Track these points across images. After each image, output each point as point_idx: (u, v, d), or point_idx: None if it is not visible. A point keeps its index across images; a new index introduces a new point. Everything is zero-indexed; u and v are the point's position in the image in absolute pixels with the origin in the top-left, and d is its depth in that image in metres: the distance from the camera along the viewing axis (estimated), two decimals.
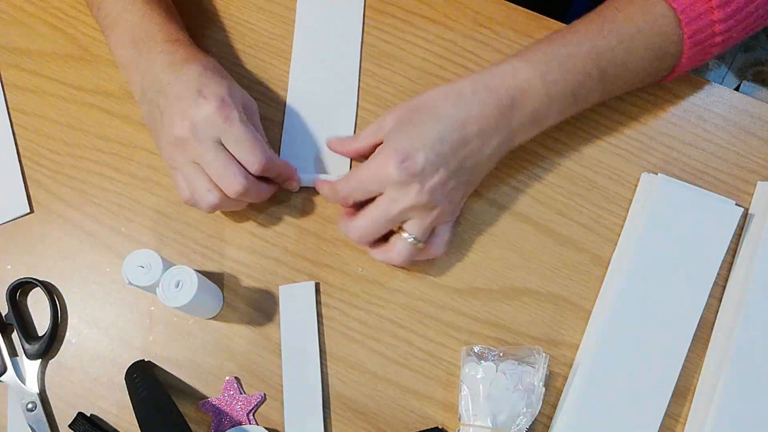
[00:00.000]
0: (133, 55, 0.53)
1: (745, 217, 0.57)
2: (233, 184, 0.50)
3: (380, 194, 0.50)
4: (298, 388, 0.54)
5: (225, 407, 0.53)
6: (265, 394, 0.54)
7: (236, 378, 0.54)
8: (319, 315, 0.55)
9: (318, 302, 0.55)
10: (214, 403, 0.53)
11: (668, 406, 0.51)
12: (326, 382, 0.54)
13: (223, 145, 0.50)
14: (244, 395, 0.53)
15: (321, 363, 0.54)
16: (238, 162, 0.50)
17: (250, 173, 0.51)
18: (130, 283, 0.49)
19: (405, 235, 0.51)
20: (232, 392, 0.53)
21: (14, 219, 0.58)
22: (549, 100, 0.51)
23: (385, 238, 0.53)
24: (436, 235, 0.53)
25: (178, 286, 0.49)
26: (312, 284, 0.55)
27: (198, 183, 0.51)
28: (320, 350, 0.54)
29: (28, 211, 0.58)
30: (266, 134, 0.56)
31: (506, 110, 0.50)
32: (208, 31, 0.62)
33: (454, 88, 0.51)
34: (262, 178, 0.53)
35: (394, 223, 0.51)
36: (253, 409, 0.53)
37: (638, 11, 0.52)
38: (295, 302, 0.55)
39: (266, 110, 0.60)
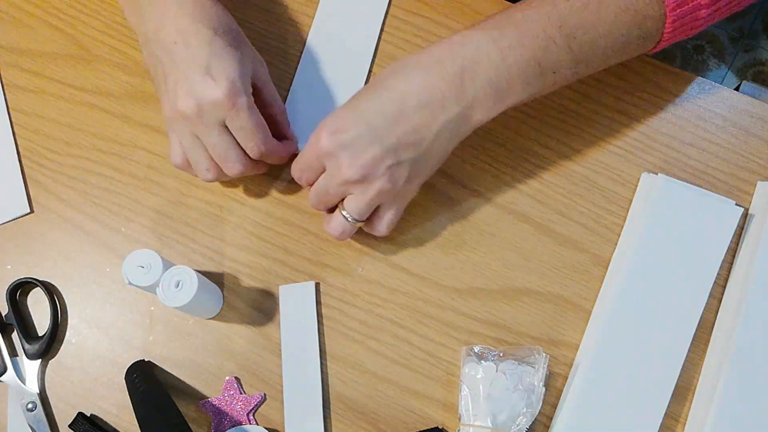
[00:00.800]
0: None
1: (745, 217, 0.57)
2: (232, 167, 0.51)
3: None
4: (298, 388, 0.54)
5: (225, 407, 0.53)
6: (265, 394, 0.54)
7: (236, 378, 0.54)
8: (319, 315, 0.55)
9: (318, 302, 0.55)
10: (214, 403, 0.53)
11: (668, 406, 0.51)
12: (326, 382, 0.54)
13: (226, 127, 0.50)
14: (244, 395, 0.53)
15: (321, 363, 0.54)
16: (240, 145, 0.51)
17: (249, 158, 0.52)
18: (130, 283, 0.49)
19: (343, 212, 0.50)
20: (232, 392, 0.53)
21: (14, 219, 0.58)
22: (507, 69, 0.47)
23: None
24: (379, 215, 0.52)
25: (178, 286, 0.49)
26: (312, 284, 0.55)
27: (197, 158, 0.52)
28: (320, 350, 0.54)
29: (28, 211, 0.58)
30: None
31: (455, 80, 0.47)
32: None
33: (401, 61, 0.49)
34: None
35: (336, 197, 0.50)
36: (253, 409, 0.53)
37: None
38: (295, 302, 0.55)
39: None
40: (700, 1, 0.48)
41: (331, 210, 0.53)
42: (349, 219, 0.50)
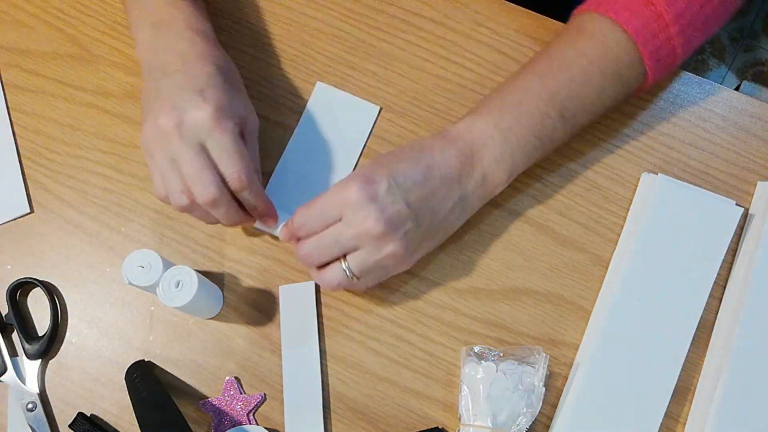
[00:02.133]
0: (152, 36, 0.52)
1: (745, 217, 0.57)
2: (205, 191, 0.48)
3: (337, 221, 0.49)
4: (298, 388, 0.54)
5: (225, 407, 0.53)
6: (265, 394, 0.54)
7: (236, 378, 0.54)
8: (319, 315, 0.55)
9: (318, 302, 0.55)
10: (214, 403, 0.53)
11: (668, 406, 0.51)
12: (326, 382, 0.54)
13: (206, 150, 0.48)
14: (244, 395, 0.53)
15: (321, 363, 0.54)
16: (218, 171, 0.48)
17: (226, 188, 0.49)
18: (130, 283, 0.49)
19: (344, 265, 0.49)
20: (232, 392, 0.53)
21: (14, 219, 0.58)
22: (510, 147, 0.51)
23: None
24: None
25: (178, 286, 0.49)
26: (312, 284, 0.55)
27: (171, 181, 0.49)
28: (320, 350, 0.54)
29: (28, 211, 0.58)
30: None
31: (467, 161, 0.51)
32: None
33: (417, 142, 0.51)
34: (239, 203, 0.51)
35: (342, 250, 0.49)
36: (253, 409, 0.53)
37: (589, 44, 0.52)
38: (295, 302, 0.55)
39: (264, 108, 0.60)
40: (675, 52, 0.52)
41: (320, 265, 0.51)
42: (349, 274, 0.49)
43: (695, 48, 0.54)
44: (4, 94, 0.61)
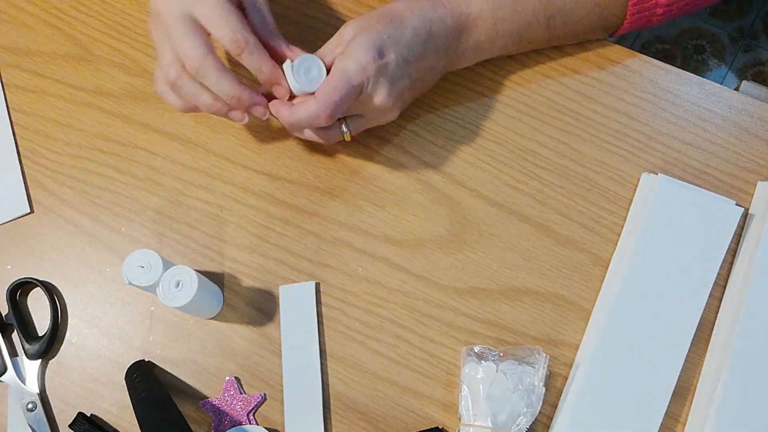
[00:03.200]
0: None
1: (745, 217, 0.57)
2: (190, 55, 0.46)
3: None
4: (298, 388, 0.54)
5: (225, 407, 0.53)
6: (265, 394, 0.54)
7: (236, 378, 0.54)
8: (319, 315, 0.55)
9: (318, 302, 0.56)
10: (214, 403, 0.53)
11: (668, 406, 0.51)
12: (326, 382, 0.54)
13: (195, 19, 0.47)
14: (244, 395, 0.53)
15: (321, 363, 0.54)
16: (207, 37, 0.47)
17: (213, 57, 0.47)
18: (130, 283, 0.49)
19: (343, 127, 0.53)
20: (232, 392, 0.53)
21: (14, 219, 0.58)
22: (495, 35, 0.54)
23: None
24: (359, 118, 0.54)
25: (178, 286, 0.49)
26: (312, 284, 0.55)
27: (163, 55, 0.48)
28: (320, 350, 0.54)
29: (29, 211, 0.58)
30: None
31: (456, 34, 0.53)
32: None
33: (416, 2, 0.52)
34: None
35: (346, 113, 0.52)
36: (253, 409, 0.53)
37: None
38: (295, 302, 0.55)
39: None
40: (655, 11, 0.56)
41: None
42: (347, 136, 0.53)
43: (674, 16, 0.57)
44: (5, 94, 0.61)
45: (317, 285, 0.56)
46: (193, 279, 0.49)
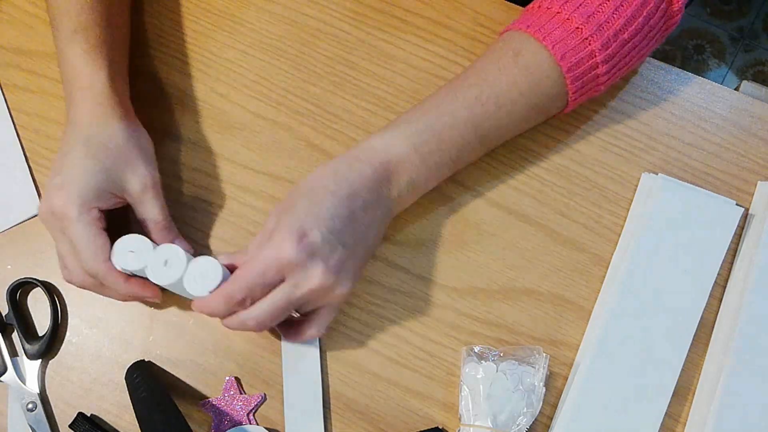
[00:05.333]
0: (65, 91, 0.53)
1: (745, 217, 0.57)
2: (66, 274, 0.50)
3: (280, 282, 0.47)
4: (298, 388, 0.54)
5: (225, 407, 0.53)
6: (265, 394, 0.54)
7: (236, 378, 0.54)
8: None
9: None
10: (214, 403, 0.53)
11: (668, 406, 0.51)
12: (326, 382, 0.54)
13: (69, 237, 0.49)
14: (244, 395, 0.53)
15: (321, 363, 0.54)
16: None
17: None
18: (123, 269, 0.48)
19: (296, 314, 0.52)
20: (232, 392, 0.53)
21: (27, 220, 0.58)
22: (426, 170, 0.51)
23: None
24: (320, 315, 0.51)
25: (166, 264, 0.48)
26: None
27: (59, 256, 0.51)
28: (320, 350, 0.54)
29: None
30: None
31: (384, 182, 0.50)
32: (209, 32, 0.62)
33: (329, 166, 0.49)
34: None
35: (295, 308, 0.49)
36: (253, 409, 0.53)
37: (523, 76, 0.51)
38: None
39: (265, 110, 0.60)
40: (597, 83, 0.53)
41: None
42: (296, 316, 0.51)
43: (616, 80, 0.55)
44: (4, 95, 0.61)
45: None
46: (180, 255, 0.48)
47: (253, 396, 0.54)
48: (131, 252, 0.49)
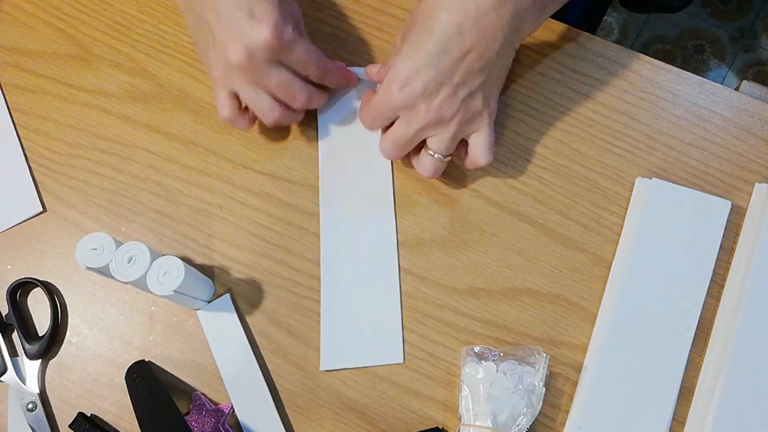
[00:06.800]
0: None
1: (743, 216, 0.57)
2: (299, 97, 0.52)
3: (397, 117, 0.51)
4: (248, 403, 0.53)
5: (197, 425, 0.52)
6: (232, 404, 0.53)
7: (202, 394, 0.53)
8: (244, 322, 0.55)
9: (238, 311, 0.55)
10: (187, 421, 0.51)
11: (675, 406, 0.51)
12: (326, 382, 0.54)
13: (282, 63, 0.51)
14: (213, 408, 0.52)
15: (262, 368, 0.54)
16: (300, 75, 0.52)
17: (311, 82, 0.53)
18: (88, 268, 0.48)
19: (430, 152, 0.53)
20: (200, 406, 0.52)
21: (28, 219, 0.58)
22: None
23: (418, 148, 0.54)
24: (472, 145, 0.53)
25: (130, 261, 0.48)
26: (227, 297, 0.55)
27: (261, 102, 0.52)
28: (256, 357, 0.54)
29: (41, 210, 0.58)
30: None
31: (501, 4, 0.48)
32: None
33: (427, 11, 0.49)
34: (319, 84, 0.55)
35: (416, 142, 0.52)
36: (224, 418, 0.52)
37: None
38: (218, 322, 0.54)
39: None
40: None
41: (412, 153, 0.55)
42: (436, 156, 0.53)
43: None
44: (4, 95, 0.61)
45: (232, 296, 0.55)
46: (145, 254, 0.48)
47: (222, 406, 0.52)
48: (94, 249, 0.48)
